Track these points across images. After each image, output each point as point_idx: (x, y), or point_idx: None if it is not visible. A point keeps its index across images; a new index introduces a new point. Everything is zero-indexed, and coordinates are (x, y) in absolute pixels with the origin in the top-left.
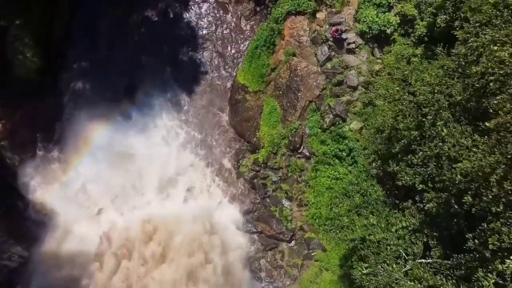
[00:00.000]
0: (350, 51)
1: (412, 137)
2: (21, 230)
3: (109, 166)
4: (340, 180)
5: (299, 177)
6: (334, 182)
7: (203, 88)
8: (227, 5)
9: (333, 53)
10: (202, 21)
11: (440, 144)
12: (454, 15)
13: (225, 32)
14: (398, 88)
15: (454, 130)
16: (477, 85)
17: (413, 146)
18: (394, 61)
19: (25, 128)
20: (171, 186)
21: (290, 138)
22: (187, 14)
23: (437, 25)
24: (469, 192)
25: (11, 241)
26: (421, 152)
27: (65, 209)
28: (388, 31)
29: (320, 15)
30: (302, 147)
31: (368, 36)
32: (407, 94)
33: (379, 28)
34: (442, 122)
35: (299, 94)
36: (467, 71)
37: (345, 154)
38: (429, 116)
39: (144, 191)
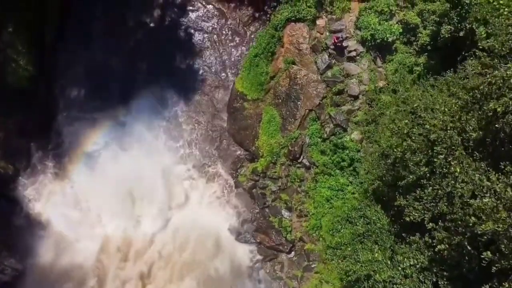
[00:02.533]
0: (351, 59)
1: (421, 173)
2: (15, 242)
3: (105, 176)
4: (341, 191)
5: (299, 187)
6: (335, 193)
7: (200, 96)
8: (225, 11)
9: (333, 61)
10: (199, 27)
11: (452, 182)
12: (459, 25)
13: (223, 38)
14: (407, 121)
15: (467, 166)
16: (496, 125)
17: (422, 181)
18: (398, 78)
19: (19, 137)
20: (167, 196)
21: (289, 147)
22: (184, 19)
23: (441, 35)
24: (485, 238)
25: (5, 253)
26: (431, 188)
27: (60, 220)
28: (390, 39)
29: (320, 22)
30: (302, 157)
31: (370, 44)
32: (416, 127)
33: (380, 36)
34: (456, 161)
35: (299, 102)
36: (484, 107)
37: (346, 165)
38: (440, 156)
39: (139, 201)
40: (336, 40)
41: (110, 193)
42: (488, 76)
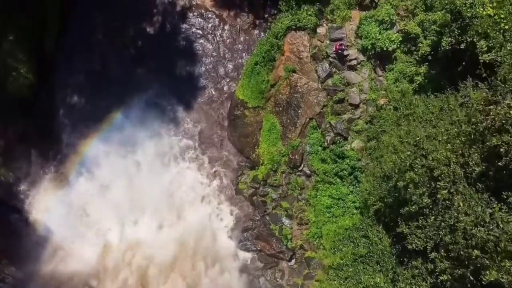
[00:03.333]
0: (352, 68)
1: (424, 204)
2: (15, 250)
3: (105, 182)
4: (341, 200)
5: (299, 195)
6: (335, 202)
7: (201, 103)
8: (225, 18)
9: (334, 70)
10: (199, 34)
11: (455, 214)
12: (460, 37)
13: (223, 45)
14: (409, 152)
15: (470, 198)
16: (499, 164)
17: (424, 210)
18: (399, 96)
19: (19, 145)
20: (167, 203)
21: (290, 155)
22: (184, 26)
23: (442, 47)
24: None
25: (5, 261)
26: (434, 217)
27: (61, 228)
28: (390, 48)
29: (321, 30)
30: (302, 165)
31: (370, 53)
32: (419, 158)
33: (381, 46)
34: (459, 196)
35: (299, 111)
36: (487, 142)
37: (346, 174)
38: (444, 191)
39: (140, 209)
40: (339, 47)
41: (111, 199)
42: (491, 112)
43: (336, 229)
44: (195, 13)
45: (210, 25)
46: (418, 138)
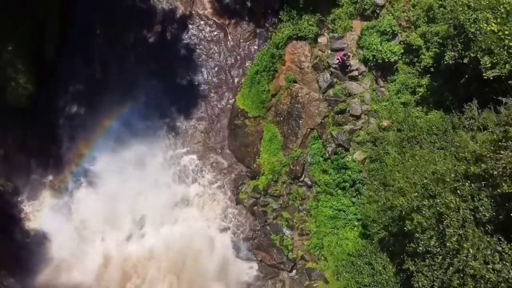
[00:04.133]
0: (353, 78)
1: (431, 246)
2: (14, 261)
3: (106, 192)
4: (343, 212)
5: (300, 205)
6: (336, 213)
7: (201, 112)
8: (226, 27)
9: (335, 80)
10: (200, 42)
11: (464, 258)
12: (463, 52)
13: (223, 54)
14: (416, 194)
15: (479, 241)
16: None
17: (432, 249)
18: (404, 116)
19: (18, 154)
20: (167, 213)
21: (291, 166)
22: (184, 35)
23: (445, 61)
24: None
25: (3, 272)
26: (441, 257)
27: (60, 237)
28: (392, 59)
29: (322, 40)
30: (303, 176)
31: (372, 64)
32: (426, 200)
33: (382, 57)
34: (468, 243)
35: (300, 121)
36: (498, 189)
37: (348, 185)
38: (453, 238)
39: (139, 219)
40: (343, 57)
41: (111, 209)
42: (502, 159)
43: (337, 241)
44: (195, 21)
45: (210, 33)
46: (425, 181)
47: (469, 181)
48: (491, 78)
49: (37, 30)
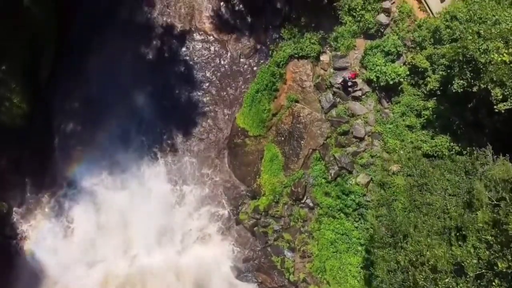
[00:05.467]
0: (356, 99)
1: None
2: (10, 282)
3: (102, 212)
4: (346, 236)
5: (302, 227)
6: (339, 237)
7: (200, 130)
8: (225, 43)
9: (338, 100)
10: (199, 59)
11: None
12: (472, 81)
13: (223, 70)
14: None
15: None
16: None
17: None
18: (412, 162)
19: (14, 174)
20: (165, 235)
21: (292, 188)
22: (183, 51)
23: (454, 89)
24: None
25: None
26: None
27: (56, 258)
28: (397, 80)
29: (324, 58)
30: (305, 197)
31: (375, 85)
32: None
33: (386, 79)
34: None
35: (302, 142)
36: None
37: (351, 210)
38: None
39: (137, 238)
40: (353, 77)
41: (107, 229)
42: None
43: (340, 265)
44: (194, 37)
45: (209, 49)
46: (439, 264)
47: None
48: (503, 111)
49: (32, 48)
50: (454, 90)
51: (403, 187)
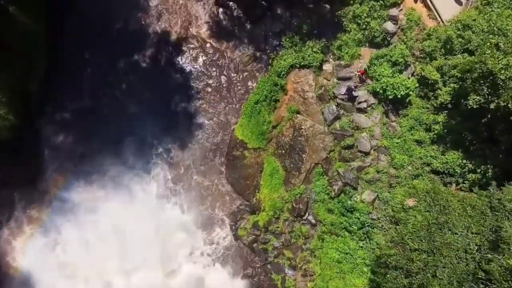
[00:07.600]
0: (361, 111)
1: None
2: None
3: (94, 229)
4: (350, 255)
5: (304, 244)
6: (343, 257)
7: (197, 142)
8: (223, 51)
9: (342, 112)
10: (196, 68)
11: None
12: (489, 97)
13: (221, 79)
14: None
15: None
16: None
17: None
18: (430, 198)
19: (2, 188)
20: (161, 251)
21: (293, 204)
22: (179, 59)
23: (469, 106)
24: None
25: None
26: None
27: (46, 276)
28: (404, 93)
29: (327, 67)
30: (307, 214)
31: (382, 97)
32: None
33: (394, 93)
34: None
35: (304, 155)
36: None
37: (355, 228)
38: None
39: (132, 256)
40: (362, 74)
41: (100, 247)
42: None
43: (344, 286)
44: (191, 45)
45: (206, 57)
46: None
47: None
48: None
49: (21, 61)
50: (469, 107)
51: (419, 224)
